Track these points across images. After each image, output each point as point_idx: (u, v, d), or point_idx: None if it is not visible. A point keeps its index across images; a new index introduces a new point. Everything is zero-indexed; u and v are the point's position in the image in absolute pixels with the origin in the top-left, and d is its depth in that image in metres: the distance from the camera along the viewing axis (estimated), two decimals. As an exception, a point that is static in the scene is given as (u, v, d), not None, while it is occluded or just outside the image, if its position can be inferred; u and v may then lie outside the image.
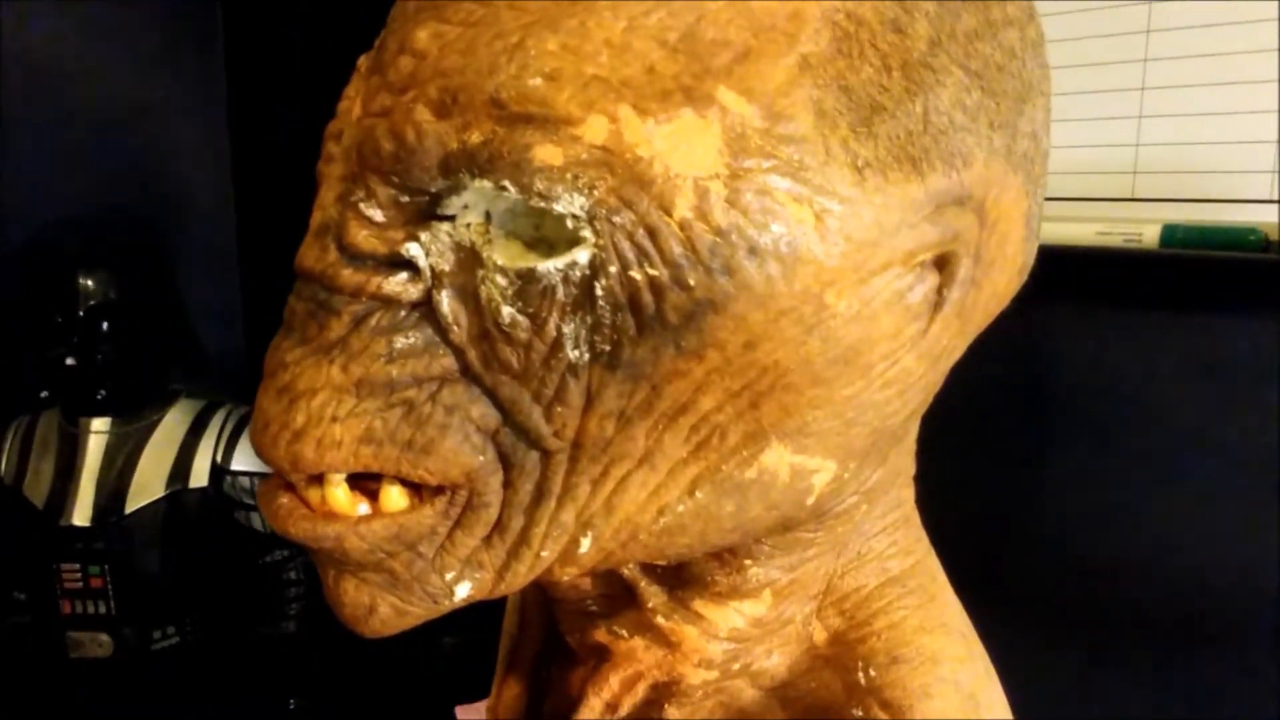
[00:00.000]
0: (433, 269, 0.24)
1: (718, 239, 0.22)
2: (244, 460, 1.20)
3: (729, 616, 0.30)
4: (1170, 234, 0.62)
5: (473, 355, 0.24)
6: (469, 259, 0.24)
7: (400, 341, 0.24)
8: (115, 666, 1.14)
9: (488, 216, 0.24)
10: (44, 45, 1.28)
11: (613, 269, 0.23)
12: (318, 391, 0.25)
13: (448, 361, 0.24)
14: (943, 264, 0.26)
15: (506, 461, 0.25)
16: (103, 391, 1.15)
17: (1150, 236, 0.62)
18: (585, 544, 0.26)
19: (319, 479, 0.26)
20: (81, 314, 1.14)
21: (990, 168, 0.25)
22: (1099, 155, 0.65)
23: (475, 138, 0.23)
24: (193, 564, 1.18)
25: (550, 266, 0.23)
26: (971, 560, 0.34)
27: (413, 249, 0.24)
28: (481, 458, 0.25)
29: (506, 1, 0.24)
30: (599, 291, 0.23)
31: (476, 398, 0.25)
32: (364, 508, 0.26)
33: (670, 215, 0.22)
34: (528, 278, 0.23)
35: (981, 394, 0.61)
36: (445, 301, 0.24)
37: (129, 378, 1.16)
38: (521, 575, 0.26)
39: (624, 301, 0.23)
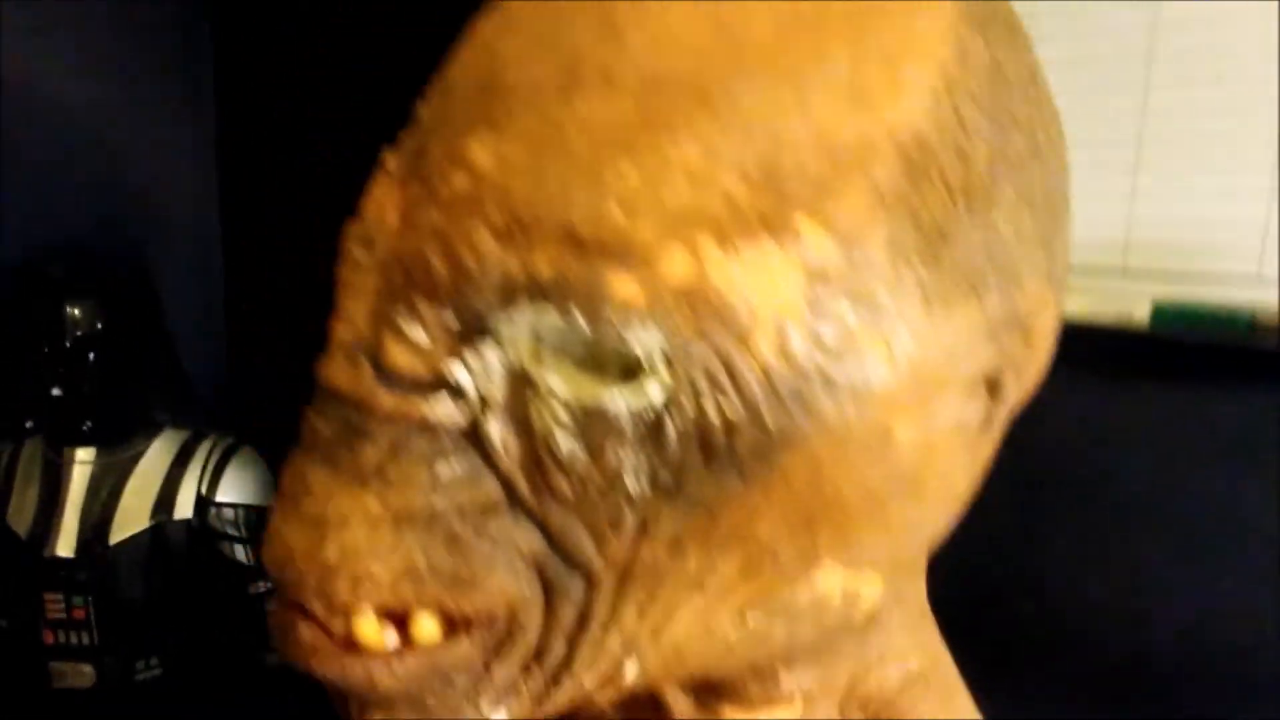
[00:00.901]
0: (480, 393, 0.23)
1: (797, 378, 0.22)
2: (229, 492, 1.19)
3: None
4: (1160, 312, 0.62)
5: (521, 483, 0.23)
6: (519, 383, 0.23)
7: (444, 470, 0.23)
8: (98, 697, 1.13)
9: (535, 334, 0.22)
10: (34, 74, 1.28)
11: (687, 406, 0.22)
12: (351, 524, 0.23)
13: (493, 489, 0.23)
14: (993, 385, 0.25)
15: (550, 588, 0.24)
16: (88, 422, 1.14)
17: (1141, 314, 0.62)
18: (630, 669, 0.25)
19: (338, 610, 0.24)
20: (68, 344, 1.13)
21: (1036, 287, 0.25)
22: (1091, 231, 0.65)
23: (544, 268, 0.21)
24: (176, 595, 1.18)
25: (621, 403, 0.22)
26: (961, 627, 0.34)
27: (459, 373, 0.23)
28: (525, 587, 0.24)
29: (573, 118, 0.22)
30: (670, 428, 0.22)
31: (523, 526, 0.23)
32: (392, 636, 0.24)
33: (752, 354, 0.22)
34: (594, 413, 0.22)
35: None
36: (494, 428, 0.23)
37: (114, 408, 1.16)
38: (561, 702, 0.25)
39: (694, 437, 0.22)
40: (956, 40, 0.24)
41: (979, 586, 0.72)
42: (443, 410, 0.23)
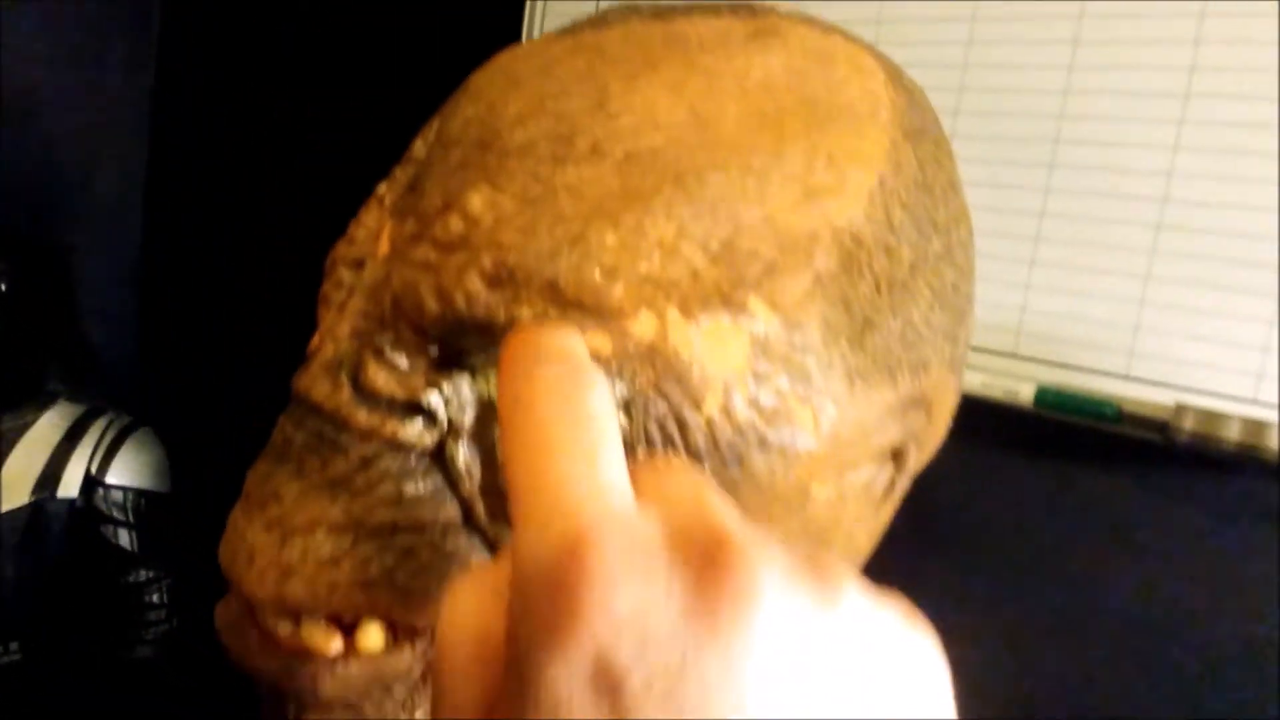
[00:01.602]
0: (450, 420, 0.24)
1: (736, 434, 0.24)
2: (121, 474, 1.14)
3: None
4: (1043, 395, 0.69)
5: (479, 507, 0.24)
6: (488, 414, 0.24)
7: (409, 487, 0.24)
8: (-58, 680, 1.06)
9: None
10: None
11: (639, 451, 0.24)
12: (315, 530, 0.24)
13: (453, 511, 0.25)
14: (898, 456, 0.28)
15: None
16: (-26, 386, 1.08)
17: (1027, 394, 0.69)
18: None
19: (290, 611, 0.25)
20: (-36, 302, 1.07)
21: (940, 374, 0.29)
22: (989, 313, 0.72)
23: (526, 314, 0.23)
24: (48, 577, 1.12)
25: None
26: None
27: (433, 399, 0.24)
28: None
29: (563, 183, 0.24)
30: None
31: (477, 548, 0.25)
32: (338, 643, 0.25)
33: (700, 411, 0.24)
34: None
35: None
36: (460, 454, 0.24)
37: (4, 373, 1.10)
38: None
39: None
40: (893, 152, 0.27)
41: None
42: (414, 432, 0.24)
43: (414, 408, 0.24)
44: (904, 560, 0.79)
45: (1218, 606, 0.66)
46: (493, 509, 0.24)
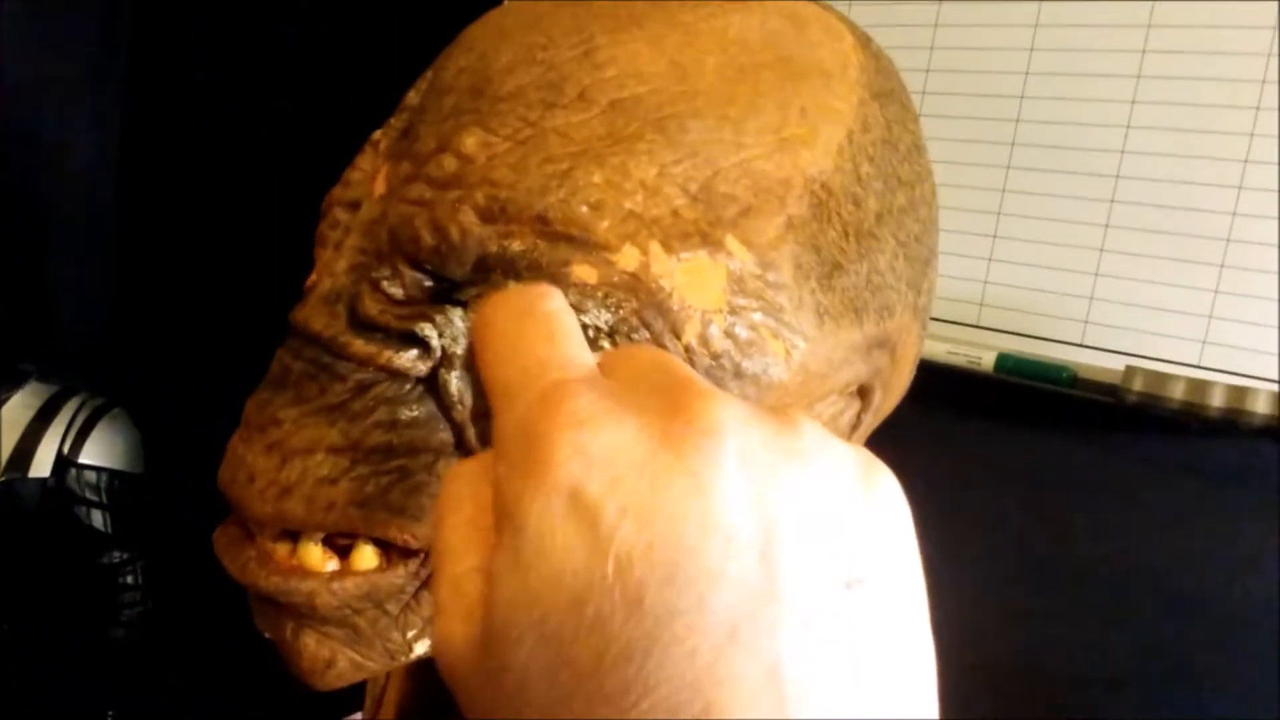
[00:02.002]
0: (443, 349, 0.26)
1: (713, 362, 0.26)
2: (94, 454, 1.14)
3: None
4: (1003, 361, 0.72)
5: (471, 432, 0.26)
6: None
7: (404, 413, 0.26)
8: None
9: None
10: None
11: None
12: (314, 451, 0.25)
13: (446, 436, 0.26)
14: (864, 393, 0.30)
15: None
16: (-57, 365, 1.07)
17: (988, 361, 0.73)
18: None
19: (288, 532, 0.26)
20: (-69, 280, 1.06)
21: (904, 319, 0.31)
22: (953, 286, 0.76)
23: (517, 246, 0.25)
24: (18, 558, 1.11)
25: None
26: None
27: (427, 329, 0.25)
28: None
29: (552, 126, 0.26)
30: None
31: None
32: (333, 564, 0.26)
33: (679, 338, 0.25)
34: None
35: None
36: (453, 381, 0.25)
37: (-25, 353, 1.09)
38: None
39: None
40: (861, 110, 0.29)
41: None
42: (408, 360, 0.26)
43: (409, 337, 0.26)
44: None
45: (1171, 556, 0.70)
46: (484, 434, 0.26)
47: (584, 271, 0.25)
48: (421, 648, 0.28)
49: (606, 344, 0.25)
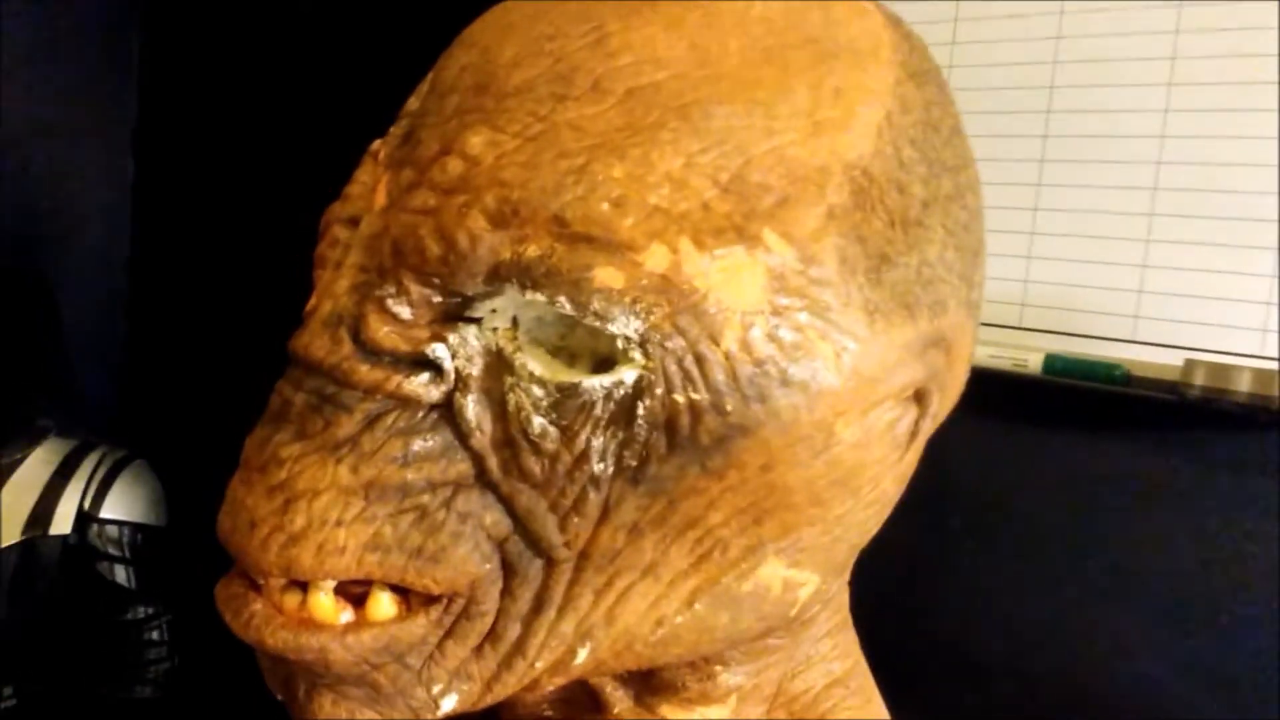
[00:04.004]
0: (458, 372, 0.24)
1: (757, 370, 0.23)
2: (115, 508, 1.12)
3: None
4: (1051, 363, 0.69)
5: (492, 462, 0.24)
6: (496, 364, 0.23)
7: (418, 444, 0.23)
8: (-63, 730, 1.03)
9: (514, 321, 0.24)
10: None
11: (658, 391, 0.23)
12: (321, 493, 0.23)
13: (464, 467, 0.24)
14: (921, 397, 0.28)
15: (509, 569, 0.24)
16: (-37, 424, 1.06)
17: (1035, 363, 0.69)
18: (582, 654, 0.25)
19: (297, 582, 0.24)
20: (-51, 339, 1.06)
21: (958, 315, 0.28)
22: (991, 286, 0.72)
23: (532, 251, 0.23)
24: (43, 618, 1.09)
25: (596, 383, 0.23)
26: (868, 653, 0.37)
27: (439, 350, 0.24)
28: (488, 566, 0.24)
29: (565, 120, 0.24)
30: (640, 411, 0.23)
31: (490, 505, 0.24)
32: (347, 615, 0.24)
33: (718, 345, 0.23)
34: (569, 392, 0.23)
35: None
36: (470, 406, 0.23)
37: (-6, 410, 1.08)
38: (511, 686, 0.25)
39: (662, 422, 0.23)
40: (898, 89, 0.27)
41: (881, 605, 0.76)
42: (420, 385, 0.24)
43: (419, 360, 0.24)
44: (923, 534, 0.79)
45: (1240, 561, 0.65)
46: (505, 464, 0.24)
47: (608, 275, 0.22)
48: (450, 704, 0.25)
49: (638, 355, 0.23)
